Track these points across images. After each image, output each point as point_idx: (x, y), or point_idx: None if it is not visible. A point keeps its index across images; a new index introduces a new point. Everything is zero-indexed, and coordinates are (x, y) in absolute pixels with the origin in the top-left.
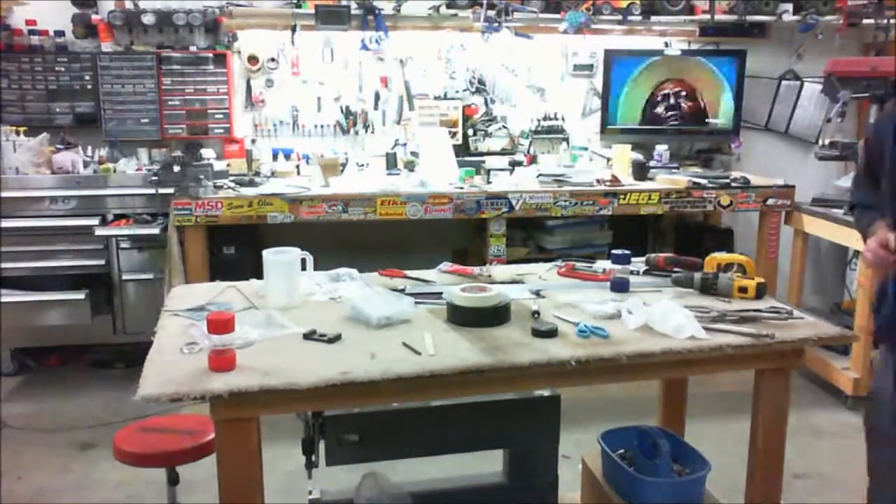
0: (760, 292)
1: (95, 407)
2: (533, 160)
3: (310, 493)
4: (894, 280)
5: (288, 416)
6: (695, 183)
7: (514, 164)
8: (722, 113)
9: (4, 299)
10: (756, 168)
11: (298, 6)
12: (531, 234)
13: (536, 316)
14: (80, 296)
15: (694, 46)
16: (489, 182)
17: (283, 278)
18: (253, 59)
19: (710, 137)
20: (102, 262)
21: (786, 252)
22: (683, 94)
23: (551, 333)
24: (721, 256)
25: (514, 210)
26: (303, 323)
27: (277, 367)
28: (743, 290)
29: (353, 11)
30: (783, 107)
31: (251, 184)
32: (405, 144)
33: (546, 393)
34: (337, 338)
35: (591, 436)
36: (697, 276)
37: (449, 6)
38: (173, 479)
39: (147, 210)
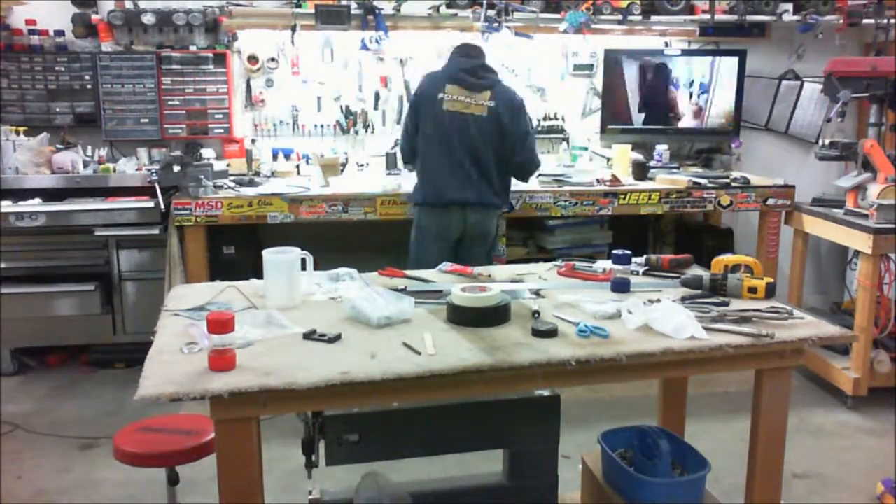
0: (770, 292)
1: (95, 407)
2: None
3: (310, 493)
4: None
5: (288, 416)
6: (695, 183)
7: None
8: None
9: (14, 291)
10: (756, 168)
11: (298, 6)
12: (531, 233)
13: (536, 316)
14: (90, 287)
15: (694, 46)
16: None
17: (283, 278)
18: (253, 59)
19: (710, 137)
20: (102, 261)
21: (786, 252)
22: None
23: (551, 333)
24: (728, 258)
25: (514, 210)
26: (303, 323)
27: (277, 367)
28: (752, 290)
29: (353, 11)
30: (783, 107)
31: (251, 184)
32: None
33: (546, 393)
34: (337, 338)
35: (591, 436)
36: (707, 276)
37: (449, 6)
38: (173, 479)
39: None
